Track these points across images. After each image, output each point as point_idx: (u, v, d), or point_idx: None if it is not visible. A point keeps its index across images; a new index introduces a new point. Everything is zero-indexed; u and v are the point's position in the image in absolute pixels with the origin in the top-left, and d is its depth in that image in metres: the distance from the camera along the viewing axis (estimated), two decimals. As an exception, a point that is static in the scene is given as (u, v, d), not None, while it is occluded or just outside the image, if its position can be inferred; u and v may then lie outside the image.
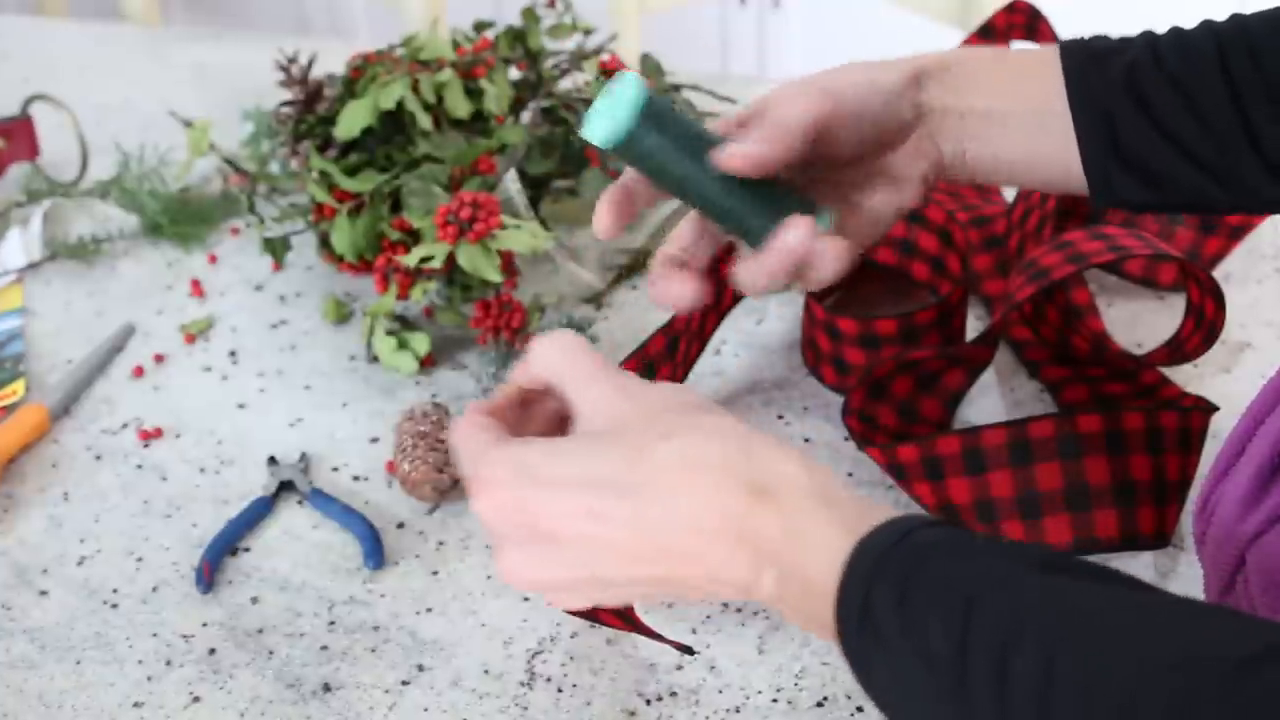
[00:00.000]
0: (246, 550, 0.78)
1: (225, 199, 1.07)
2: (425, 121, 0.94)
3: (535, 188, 0.98)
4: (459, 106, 0.96)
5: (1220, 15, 0.68)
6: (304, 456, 0.83)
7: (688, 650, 0.69)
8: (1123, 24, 0.75)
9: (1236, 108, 0.64)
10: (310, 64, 1.01)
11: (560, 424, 0.57)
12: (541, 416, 0.58)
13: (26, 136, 1.10)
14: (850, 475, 0.80)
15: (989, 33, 1.03)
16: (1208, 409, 0.74)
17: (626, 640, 0.71)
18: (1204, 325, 0.78)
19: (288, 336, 0.94)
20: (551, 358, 0.55)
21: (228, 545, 0.78)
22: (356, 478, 0.82)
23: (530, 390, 0.57)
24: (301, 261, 1.01)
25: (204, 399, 0.89)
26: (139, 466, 0.84)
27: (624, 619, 0.68)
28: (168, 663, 0.72)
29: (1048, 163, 0.68)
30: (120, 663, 0.72)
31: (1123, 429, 0.71)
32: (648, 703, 0.68)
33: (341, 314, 0.95)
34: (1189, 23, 0.69)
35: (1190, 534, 0.75)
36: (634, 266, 0.98)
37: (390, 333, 0.89)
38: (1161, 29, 0.69)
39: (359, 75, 0.98)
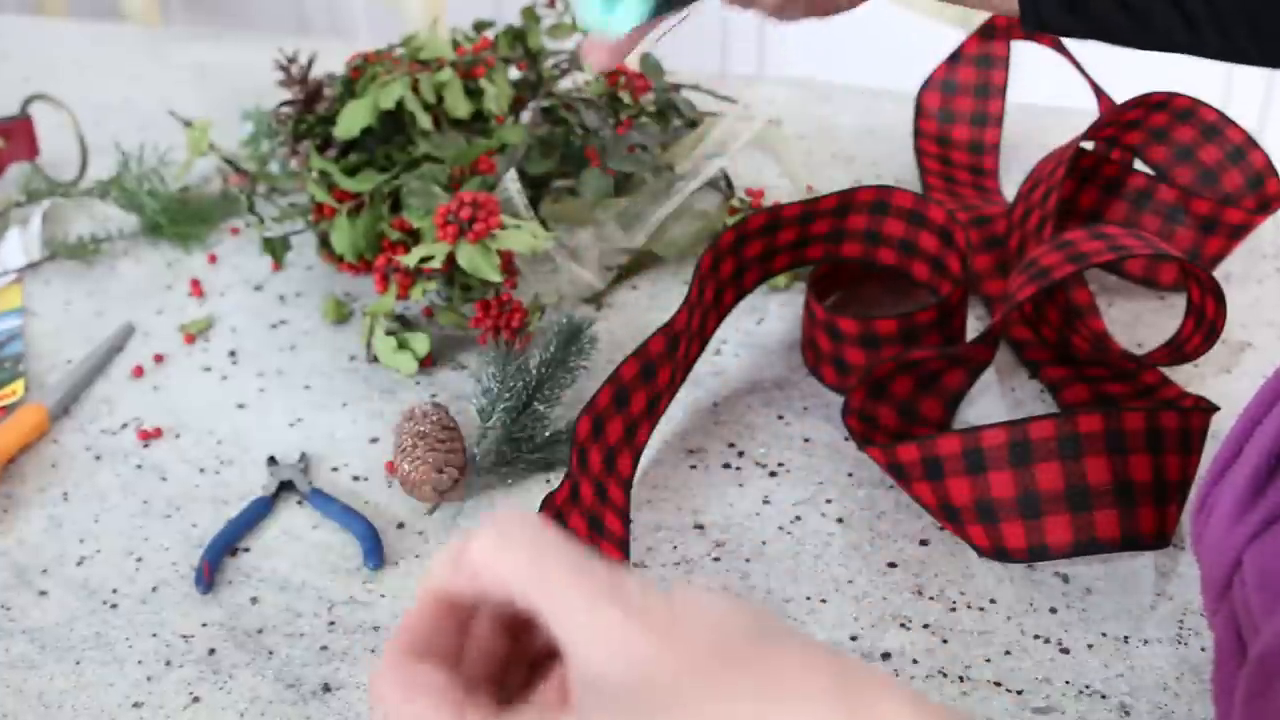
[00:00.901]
0: (246, 550, 0.78)
1: (225, 199, 1.07)
2: (425, 121, 0.94)
3: (535, 188, 0.98)
4: (459, 106, 0.96)
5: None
6: (304, 456, 0.83)
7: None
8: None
9: None
10: (310, 64, 1.01)
11: (514, 634, 0.42)
12: (488, 630, 0.41)
13: (26, 136, 1.10)
14: (850, 475, 0.80)
15: (990, 32, 1.04)
16: (1208, 409, 0.74)
17: (626, 640, 0.71)
18: (1205, 325, 0.78)
19: (287, 336, 0.94)
20: (509, 562, 0.38)
21: (227, 545, 0.78)
22: (356, 478, 0.82)
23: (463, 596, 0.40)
24: (301, 261, 1.01)
25: (204, 399, 0.89)
26: (139, 466, 0.84)
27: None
28: (167, 663, 0.72)
29: None
30: (120, 663, 0.72)
31: (1123, 429, 0.71)
32: (648, 703, 0.68)
33: (341, 314, 0.95)
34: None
35: (1190, 534, 0.75)
36: (634, 266, 0.98)
37: (390, 333, 0.89)
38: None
39: (359, 75, 0.98)
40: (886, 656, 0.69)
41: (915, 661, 0.69)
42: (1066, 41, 0.99)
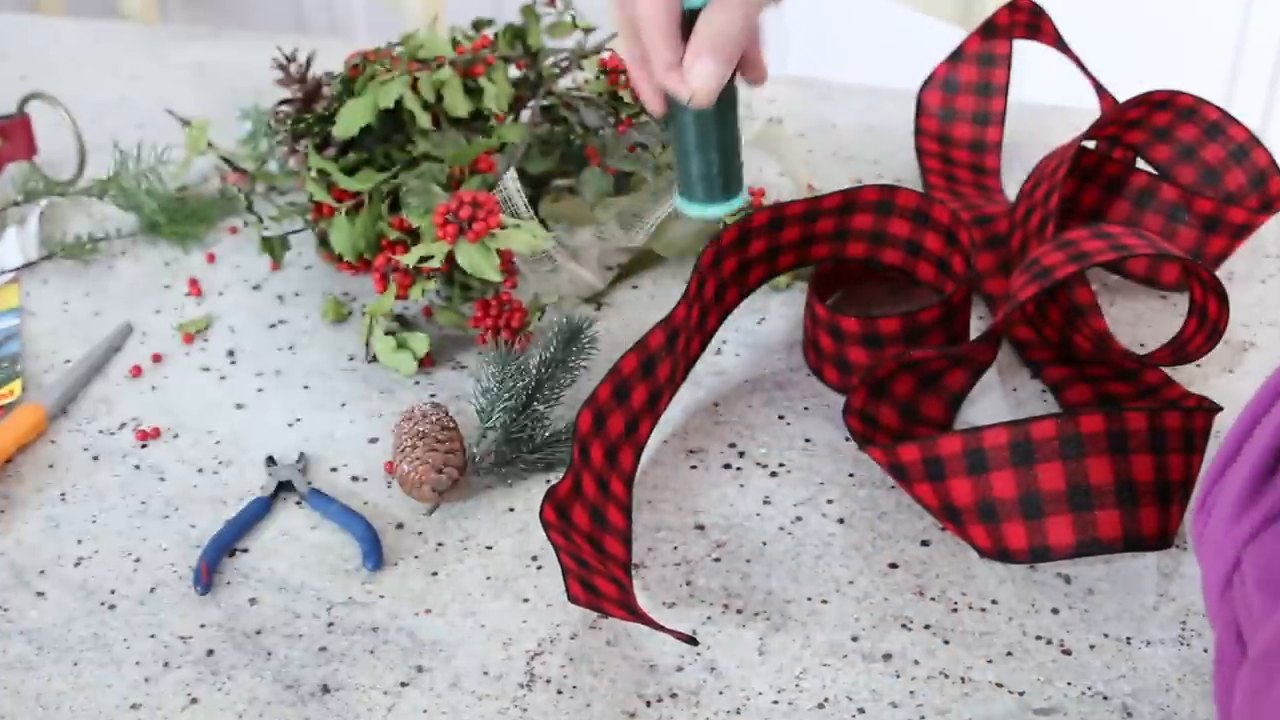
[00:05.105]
0: (244, 551, 0.78)
1: (223, 198, 1.07)
2: (424, 120, 0.94)
3: (535, 187, 0.98)
4: (458, 105, 0.96)
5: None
6: (302, 457, 0.83)
7: (691, 640, 0.68)
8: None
9: None
10: (309, 62, 1.01)
11: None
12: None
13: (24, 135, 1.10)
14: (851, 475, 0.80)
15: (991, 31, 1.03)
16: (1211, 409, 0.74)
17: (627, 641, 0.71)
18: (1207, 325, 0.77)
19: (286, 336, 0.94)
20: None
21: (226, 546, 0.77)
22: (355, 478, 0.82)
23: None
24: (300, 261, 1.00)
25: (202, 399, 0.89)
26: (136, 467, 0.84)
27: (626, 609, 0.68)
28: (165, 664, 0.71)
29: None
30: (118, 664, 0.72)
31: (1125, 429, 0.71)
32: (648, 704, 0.68)
33: (340, 314, 0.94)
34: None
35: (1192, 534, 0.75)
36: (634, 266, 0.98)
37: (389, 333, 0.89)
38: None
39: (357, 74, 0.98)
40: (888, 657, 0.69)
41: (916, 663, 0.69)
42: (1069, 40, 0.99)
